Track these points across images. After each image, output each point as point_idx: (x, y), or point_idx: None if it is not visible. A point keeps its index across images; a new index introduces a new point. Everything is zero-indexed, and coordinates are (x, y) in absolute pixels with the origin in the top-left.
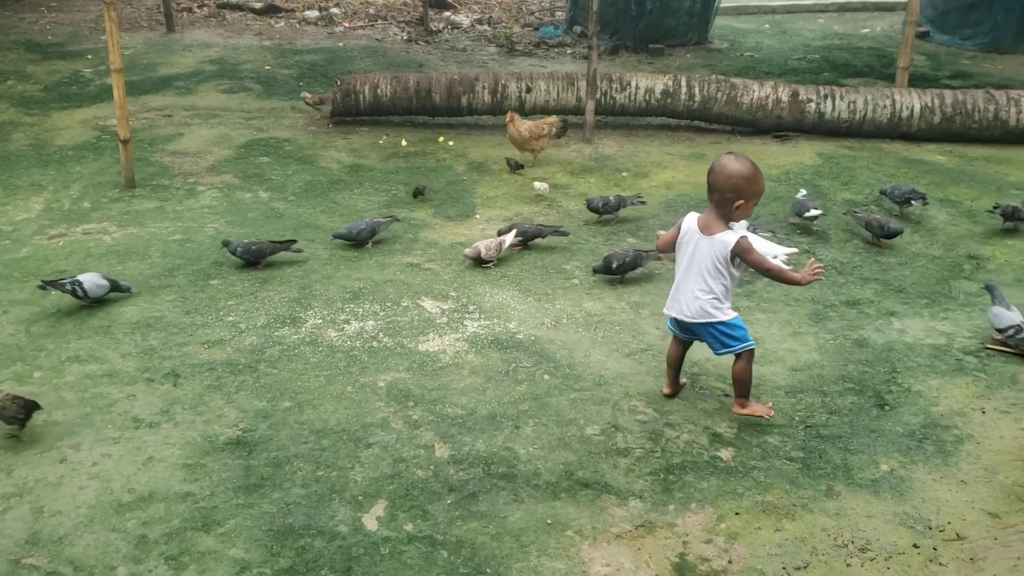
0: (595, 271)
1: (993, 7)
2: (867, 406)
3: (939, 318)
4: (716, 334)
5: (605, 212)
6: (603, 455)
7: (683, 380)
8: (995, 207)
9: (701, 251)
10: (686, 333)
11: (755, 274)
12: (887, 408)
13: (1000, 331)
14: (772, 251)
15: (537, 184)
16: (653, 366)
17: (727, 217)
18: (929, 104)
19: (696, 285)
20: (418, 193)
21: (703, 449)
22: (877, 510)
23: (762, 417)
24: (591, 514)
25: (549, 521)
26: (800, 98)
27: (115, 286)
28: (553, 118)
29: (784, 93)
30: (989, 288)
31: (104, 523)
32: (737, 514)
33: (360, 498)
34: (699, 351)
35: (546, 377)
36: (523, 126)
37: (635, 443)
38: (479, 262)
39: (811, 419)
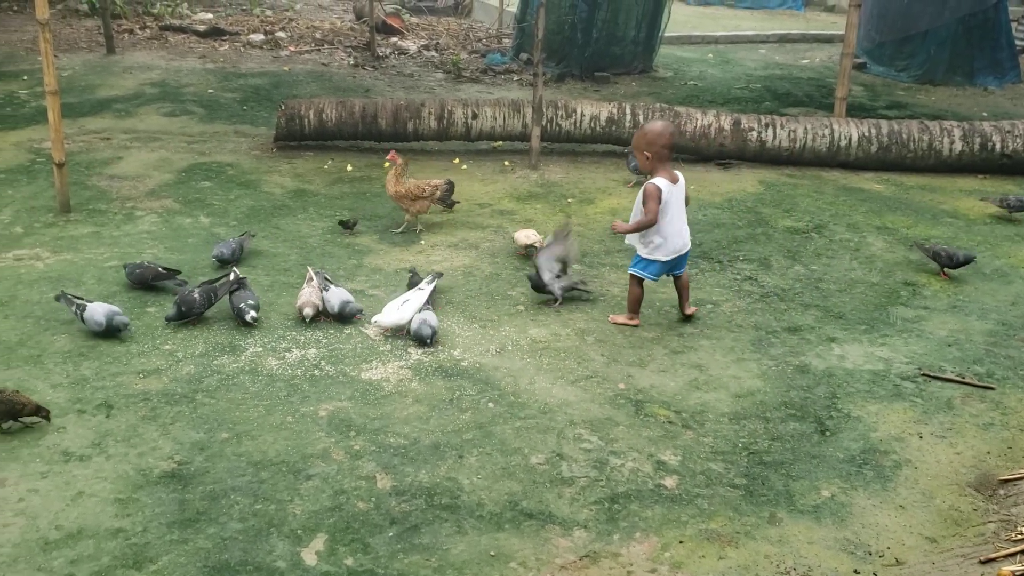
0: (529, 278)
1: (926, 41)
2: (808, 432)
3: (877, 344)
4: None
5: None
6: (548, 484)
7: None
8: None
9: (680, 197)
10: (669, 269)
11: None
12: (828, 434)
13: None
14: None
15: (524, 234)
16: (598, 393)
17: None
18: (866, 134)
19: (684, 222)
20: (350, 225)
21: (648, 477)
22: (818, 536)
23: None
24: (535, 545)
25: (492, 553)
26: (742, 127)
27: (111, 329)
28: (438, 180)
29: (726, 122)
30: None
31: (29, 562)
32: (681, 543)
33: (299, 532)
34: (642, 379)
35: (490, 405)
36: (409, 182)
37: (580, 472)
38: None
39: (754, 445)
